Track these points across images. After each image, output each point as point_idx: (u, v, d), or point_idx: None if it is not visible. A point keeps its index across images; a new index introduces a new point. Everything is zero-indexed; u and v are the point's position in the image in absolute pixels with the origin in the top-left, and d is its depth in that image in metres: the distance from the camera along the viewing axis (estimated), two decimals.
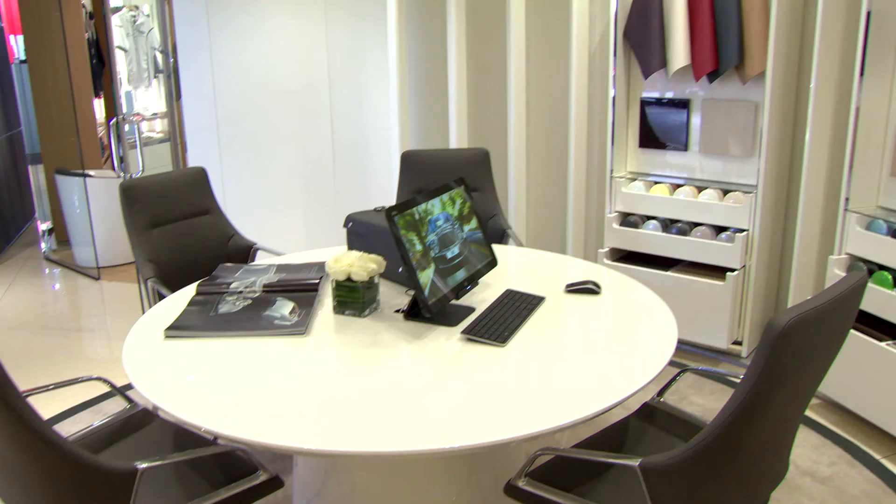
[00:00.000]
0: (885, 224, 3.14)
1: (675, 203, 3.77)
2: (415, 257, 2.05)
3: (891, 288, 3.05)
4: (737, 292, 3.61)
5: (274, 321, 2.20)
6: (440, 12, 4.45)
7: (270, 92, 4.57)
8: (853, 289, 1.55)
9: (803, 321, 1.39)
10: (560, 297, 2.39)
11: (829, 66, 3.28)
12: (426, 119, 4.66)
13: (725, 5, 3.54)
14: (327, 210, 4.74)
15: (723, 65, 3.59)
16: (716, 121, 3.76)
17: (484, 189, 3.50)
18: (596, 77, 4.17)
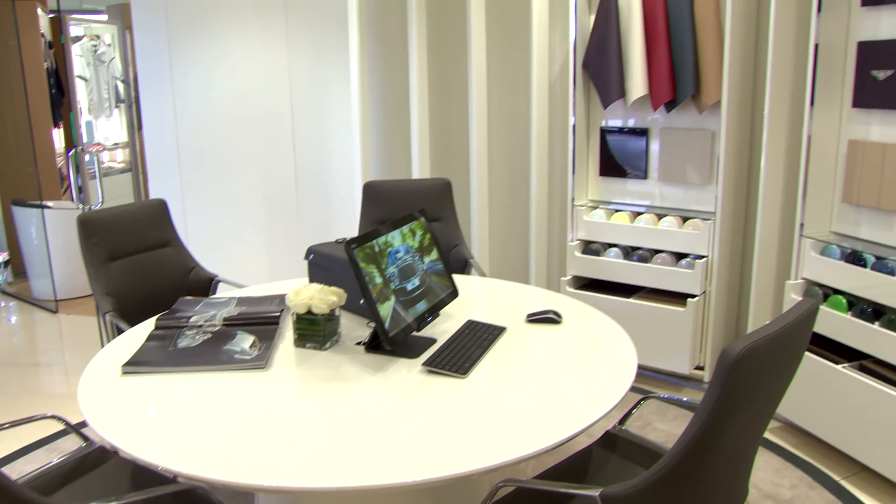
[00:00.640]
0: (838, 249, 3.21)
1: (636, 231, 3.82)
2: (375, 290, 2.05)
3: (845, 311, 3.11)
4: (697, 318, 3.65)
5: (234, 355, 2.17)
6: (402, 42, 4.49)
7: (233, 122, 4.56)
8: (804, 316, 1.58)
9: (756, 349, 1.41)
10: (521, 326, 2.40)
11: (782, 96, 3.36)
12: (389, 149, 4.68)
13: (681, 37, 3.62)
14: (290, 241, 4.72)
15: (680, 95, 3.66)
16: (674, 149, 3.83)
17: (446, 219, 3.52)
18: (556, 106, 4.23)
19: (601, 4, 3.83)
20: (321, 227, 4.74)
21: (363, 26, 4.17)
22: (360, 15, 4.12)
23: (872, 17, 3.11)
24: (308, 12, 4.49)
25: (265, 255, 4.72)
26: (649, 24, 3.70)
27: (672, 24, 3.66)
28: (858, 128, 3.21)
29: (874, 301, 3.03)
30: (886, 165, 3.07)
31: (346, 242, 2.00)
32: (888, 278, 2.94)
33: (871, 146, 3.13)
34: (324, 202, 4.73)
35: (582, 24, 3.91)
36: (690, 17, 3.59)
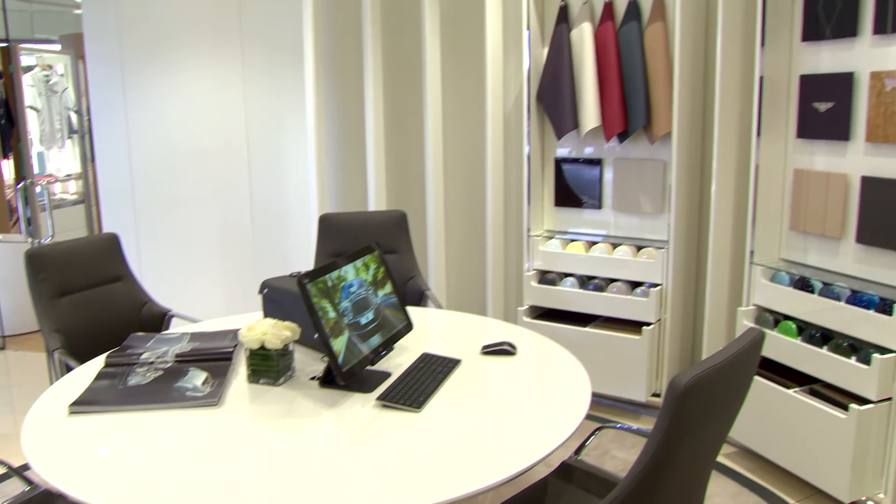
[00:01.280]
0: (787, 276, 3.28)
1: (591, 260, 3.86)
2: (328, 324, 2.04)
3: (795, 336, 3.17)
4: (653, 346, 3.69)
5: (186, 392, 2.14)
6: (357, 75, 4.51)
7: (188, 154, 4.52)
8: (751, 345, 1.61)
9: (703, 379, 1.43)
10: (476, 359, 2.40)
11: (730, 127, 3.44)
12: (345, 181, 4.68)
13: (632, 70, 3.70)
14: (246, 274, 4.68)
15: (631, 126, 3.73)
16: (627, 179, 3.89)
17: (402, 251, 3.52)
18: (511, 137, 4.27)
19: (554, 38, 3.89)
20: (278, 260, 4.71)
21: (319, 59, 4.18)
22: (315, 47, 4.14)
23: (812, 51, 3.21)
24: (264, 44, 4.50)
25: (221, 289, 4.67)
26: (601, 57, 3.78)
27: (623, 57, 3.73)
28: (803, 157, 3.30)
29: (822, 326, 3.10)
30: (830, 194, 3.15)
31: (298, 277, 1.99)
32: (835, 303, 3.01)
33: (815, 175, 3.22)
34: (280, 235, 4.71)
35: (535, 57, 3.97)
36: (641, 51, 3.67)
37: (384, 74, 4.37)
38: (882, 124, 2.92)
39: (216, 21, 4.41)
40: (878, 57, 2.94)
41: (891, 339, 2.77)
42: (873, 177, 2.98)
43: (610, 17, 3.78)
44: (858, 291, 2.96)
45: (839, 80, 3.08)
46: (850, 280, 3.09)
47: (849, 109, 3.06)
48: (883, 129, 2.92)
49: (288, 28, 4.44)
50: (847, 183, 3.09)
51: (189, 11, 4.38)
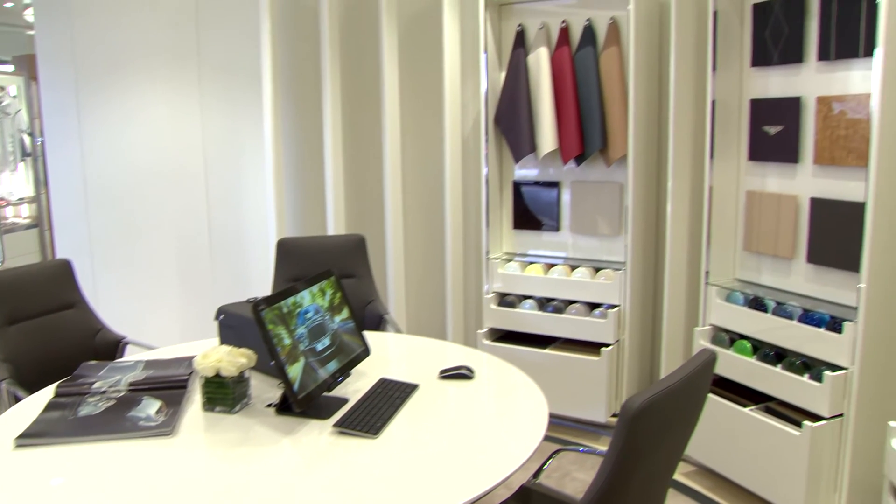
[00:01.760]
0: (741, 295, 3.33)
1: (550, 282, 3.88)
2: (284, 351, 2.02)
3: (750, 355, 3.22)
4: (612, 366, 3.71)
5: (139, 422, 2.10)
6: (316, 98, 4.51)
7: (144, 178, 4.47)
8: (702, 367, 1.63)
9: (655, 403, 1.45)
10: (434, 383, 2.39)
11: (684, 150, 3.51)
12: (304, 206, 4.66)
13: (588, 94, 3.75)
14: (204, 300, 4.62)
15: (588, 149, 3.78)
16: (585, 201, 3.93)
17: (361, 275, 3.51)
18: (470, 160, 4.30)
19: (511, 62, 3.94)
20: (236, 286, 4.66)
21: (277, 83, 4.18)
22: (273, 72, 4.13)
23: (762, 76, 3.29)
24: (221, 68, 4.48)
25: (178, 315, 4.60)
26: (558, 81, 3.83)
27: (579, 81, 3.79)
28: (755, 179, 3.37)
29: (776, 344, 3.15)
30: (781, 215, 3.22)
31: (253, 304, 1.97)
32: (787, 322, 3.07)
33: (766, 197, 3.28)
34: (239, 260, 4.66)
35: (493, 81, 4.01)
36: (596, 75, 3.72)
37: (342, 98, 4.38)
38: (828, 147, 2.99)
39: (173, 45, 4.39)
40: (823, 82, 3.03)
41: (841, 356, 2.83)
42: (822, 198, 3.05)
43: (566, 42, 3.84)
44: (810, 310, 3.02)
45: (787, 104, 3.16)
46: (802, 299, 3.15)
47: (797, 133, 3.14)
48: (829, 151, 2.99)
49: (246, 52, 4.43)
50: (797, 204, 3.16)
51: (146, 35, 4.35)
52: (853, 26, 2.87)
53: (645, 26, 3.63)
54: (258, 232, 4.62)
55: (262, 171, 4.54)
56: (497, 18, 4.04)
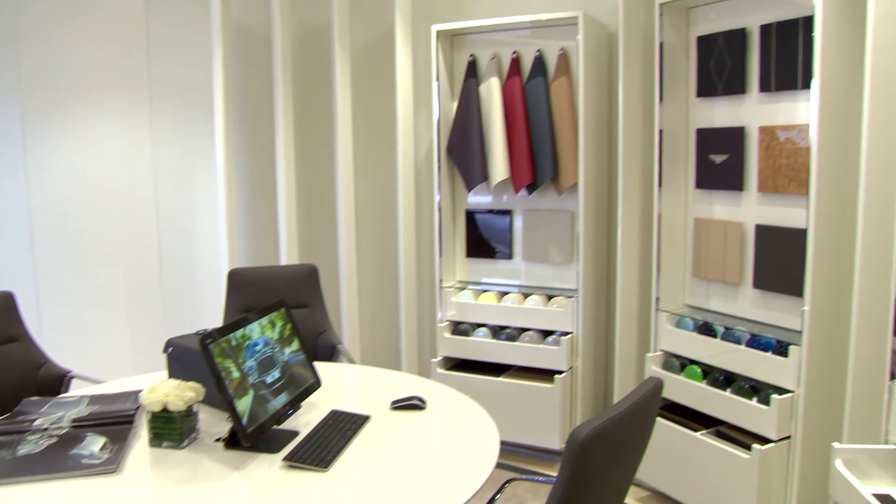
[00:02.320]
0: (691, 321, 3.38)
1: (503, 310, 3.90)
2: (232, 385, 1.99)
3: (700, 380, 3.26)
4: (565, 393, 3.73)
5: (81, 460, 2.05)
6: (268, 128, 4.50)
7: (93, 209, 4.40)
8: (650, 394, 1.65)
9: (602, 432, 1.46)
10: (385, 414, 2.38)
11: (633, 178, 3.57)
12: (257, 236, 4.63)
13: (539, 123, 3.80)
14: (155, 332, 4.54)
15: (539, 178, 3.82)
16: (537, 229, 3.97)
17: (313, 305, 3.49)
18: (423, 189, 4.32)
19: (463, 91, 3.98)
20: (188, 317, 4.59)
21: (229, 112, 4.16)
22: (225, 100, 4.12)
23: (707, 106, 3.37)
24: (173, 97, 4.44)
25: (127, 348, 4.51)
26: (509, 110, 3.87)
27: (530, 111, 3.84)
28: (702, 207, 3.44)
29: (725, 369, 3.20)
30: (728, 242, 3.28)
31: (200, 338, 1.95)
32: (736, 347, 3.12)
33: (714, 224, 3.35)
34: (190, 291, 4.60)
35: (445, 110, 4.04)
36: (547, 105, 3.78)
37: (295, 127, 4.38)
38: (771, 175, 3.07)
39: (123, 74, 4.34)
40: (765, 113, 3.11)
41: (788, 379, 2.88)
42: (766, 225, 3.12)
43: (517, 72, 3.89)
44: (757, 335, 3.08)
45: (732, 133, 3.24)
46: (750, 324, 3.21)
47: (742, 161, 3.22)
48: (772, 179, 3.07)
49: (198, 81, 4.41)
50: (743, 231, 3.23)
51: (95, 64, 4.30)
52: (791, 59, 2.97)
53: (594, 57, 3.71)
54: (210, 262, 4.57)
55: (214, 201, 4.50)
56: (449, 48, 4.08)
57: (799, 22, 2.93)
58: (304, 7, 4.45)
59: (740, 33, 3.18)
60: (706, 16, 3.36)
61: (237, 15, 4.47)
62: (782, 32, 3.00)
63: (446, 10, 4.24)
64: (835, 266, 2.80)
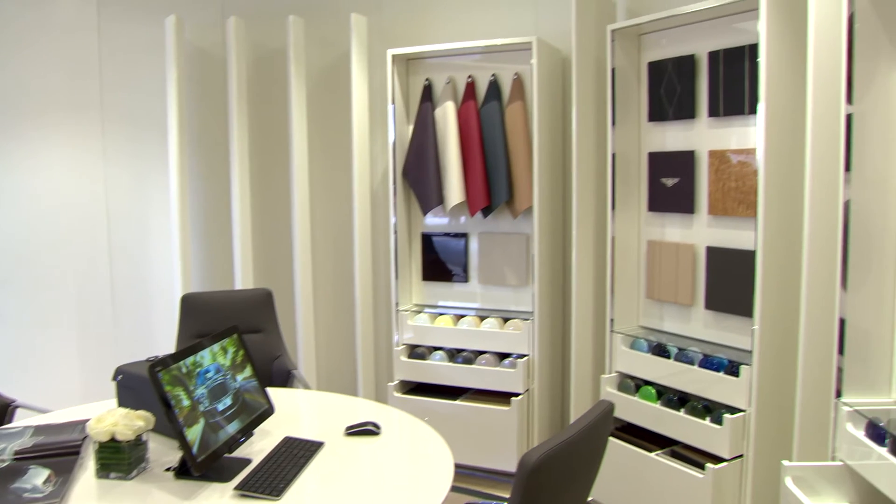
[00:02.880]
0: (645, 342, 3.42)
1: (459, 333, 3.90)
2: (182, 413, 1.96)
3: (655, 401, 3.29)
4: (522, 416, 3.74)
5: (23, 494, 1.99)
6: (224, 149, 4.45)
7: (42, 232, 4.31)
8: (601, 416, 1.66)
9: (553, 456, 1.46)
10: (339, 440, 2.36)
11: (587, 201, 3.61)
12: (211, 260, 4.58)
13: (494, 147, 3.83)
14: (106, 358, 4.43)
15: (495, 201, 3.84)
16: (492, 252, 3.98)
17: (268, 329, 3.45)
18: (379, 212, 4.32)
19: (419, 115, 4.00)
20: (140, 343, 4.50)
21: (183, 134, 4.13)
22: (179, 122, 4.08)
23: (659, 131, 3.44)
24: (126, 120, 4.39)
25: (77, 375, 4.41)
26: (464, 134, 3.90)
27: (485, 135, 3.87)
28: (655, 229, 3.49)
29: (679, 389, 3.24)
30: (680, 263, 3.33)
31: (149, 366, 1.91)
32: (689, 367, 3.16)
33: (666, 246, 3.40)
34: (143, 316, 4.52)
35: (401, 134, 4.06)
36: (502, 129, 3.81)
37: (251, 150, 4.35)
38: (721, 198, 3.13)
39: (75, 95, 4.28)
40: (714, 137, 3.18)
41: (739, 398, 2.92)
42: (716, 247, 3.18)
43: (472, 97, 3.93)
44: (710, 355, 3.12)
45: (682, 157, 3.30)
46: (703, 344, 3.25)
47: (692, 184, 3.28)
48: (722, 202, 3.13)
49: (152, 103, 4.36)
50: (695, 253, 3.29)
51: (46, 87, 4.24)
52: (738, 85, 3.04)
53: (548, 82, 3.75)
54: (164, 286, 4.50)
55: (168, 224, 4.44)
56: (405, 72, 4.11)
57: (745, 49, 3.00)
58: (260, 30, 4.44)
59: (689, 60, 3.25)
60: (657, 42, 3.43)
61: (192, 37, 4.44)
62: (729, 59, 3.07)
63: (402, 35, 4.26)
64: (782, 286, 2.86)
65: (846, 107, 2.34)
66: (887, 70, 2.29)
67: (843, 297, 2.37)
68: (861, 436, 2.29)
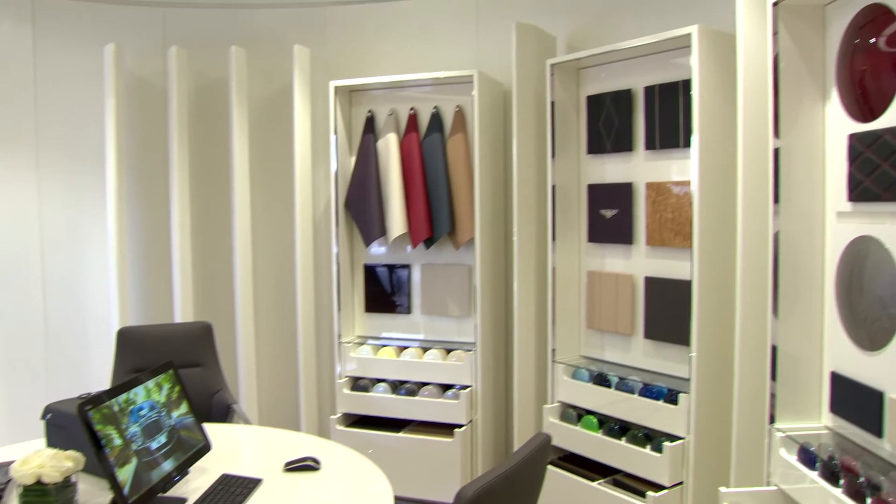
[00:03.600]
0: (587, 372, 3.45)
1: (402, 364, 3.89)
2: (113, 453, 1.91)
3: (596, 430, 3.32)
4: (465, 447, 3.73)
5: None
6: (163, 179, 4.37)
7: None
8: (537, 449, 1.67)
9: (489, 490, 1.46)
10: (278, 477, 2.32)
11: (527, 232, 3.64)
12: (150, 292, 4.47)
13: (436, 179, 3.86)
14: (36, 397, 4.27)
15: (437, 232, 3.86)
16: (435, 284, 3.99)
17: (207, 364, 3.39)
18: (321, 245, 4.29)
19: (361, 146, 4.00)
20: (75, 380, 4.36)
21: (122, 164, 4.05)
22: (118, 152, 4.00)
23: (597, 163, 3.50)
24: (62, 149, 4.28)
25: (5, 414, 4.25)
26: (406, 166, 3.92)
27: (427, 166, 3.89)
28: (595, 260, 3.54)
29: (620, 418, 3.27)
30: (620, 294, 3.39)
31: (79, 404, 1.86)
32: (629, 396, 3.20)
33: (606, 276, 3.45)
34: (79, 352, 4.39)
35: (343, 165, 4.05)
36: (444, 161, 3.84)
37: (191, 181, 4.29)
38: (658, 229, 3.20)
39: (8, 126, 4.18)
40: (651, 169, 3.26)
41: (678, 426, 2.97)
42: (655, 277, 3.24)
43: (414, 129, 3.95)
44: (649, 384, 3.16)
45: (620, 189, 3.37)
46: (643, 373, 3.30)
47: (630, 216, 3.34)
48: (659, 233, 3.20)
49: (89, 134, 4.27)
50: (633, 283, 3.34)
51: None
52: (673, 119, 3.12)
53: (489, 114, 3.80)
54: (100, 321, 4.38)
55: (105, 257, 4.33)
56: (347, 104, 4.12)
57: (679, 84, 3.09)
58: (202, 60, 4.40)
59: (626, 94, 3.33)
60: (595, 76, 3.51)
61: (132, 66, 4.38)
62: (664, 94, 3.16)
63: (345, 66, 4.28)
64: (718, 315, 2.92)
65: (774, 141, 2.42)
66: (811, 106, 2.38)
67: (775, 324, 2.44)
68: (794, 460, 2.35)
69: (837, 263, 2.32)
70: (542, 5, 3.88)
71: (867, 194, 2.12)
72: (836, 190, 2.31)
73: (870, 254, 2.17)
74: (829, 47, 2.35)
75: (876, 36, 2.13)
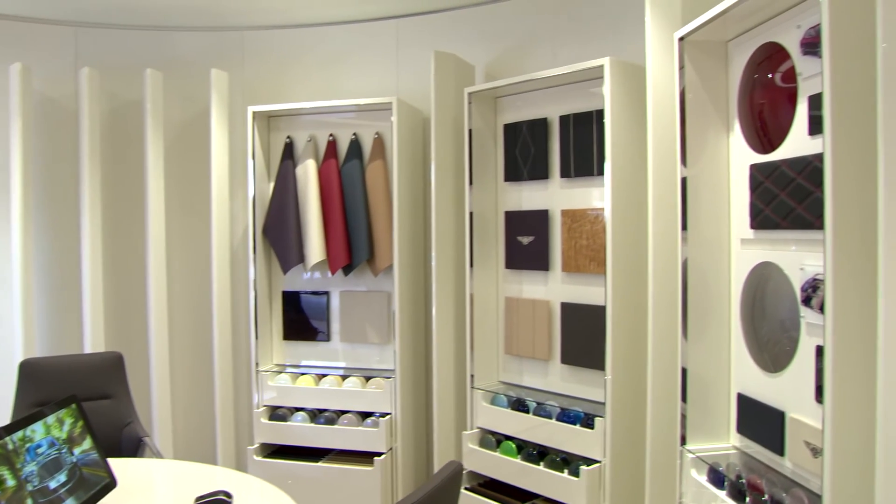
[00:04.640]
0: (505, 398, 3.47)
1: (321, 392, 3.84)
2: (5, 495, 1.81)
3: (515, 456, 3.34)
4: (385, 475, 3.69)
5: None
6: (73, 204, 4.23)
7: None
8: (450, 477, 1.66)
9: None
10: None
11: (446, 258, 3.66)
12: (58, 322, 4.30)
13: (355, 206, 3.84)
14: None
15: (355, 259, 3.84)
16: (354, 311, 3.97)
17: (118, 395, 3.27)
18: (238, 272, 4.21)
19: (280, 172, 3.96)
20: None
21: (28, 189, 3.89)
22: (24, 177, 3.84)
23: (514, 190, 3.55)
24: None
25: None
26: (325, 193, 3.89)
27: (346, 193, 3.88)
28: (512, 286, 3.57)
29: (538, 443, 3.29)
30: (537, 319, 3.42)
31: None
32: (547, 421, 3.23)
33: (523, 302, 3.49)
34: None
35: (261, 191, 4.00)
36: (362, 187, 3.83)
37: (103, 206, 4.15)
38: (574, 256, 3.26)
39: None
40: (566, 197, 3.32)
41: (595, 450, 3.01)
42: (570, 302, 3.29)
43: (333, 155, 3.94)
44: (567, 408, 3.20)
45: (537, 216, 3.42)
46: (560, 398, 3.33)
47: (547, 242, 3.39)
48: (574, 260, 3.26)
49: None
50: (550, 309, 3.38)
51: None
52: (587, 148, 3.19)
53: (408, 141, 3.81)
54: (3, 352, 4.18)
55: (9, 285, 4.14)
56: (266, 129, 4.07)
57: (593, 114, 3.16)
58: (116, 82, 4.29)
59: (542, 122, 3.39)
60: (512, 105, 3.56)
61: (41, 86, 4.23)
62: (579, 123, 3.23)
63: (264, 92, 4.23)
64: (631, 339, 2.98)
65: (682, 170, 2.50)
66: (716, 137, 2.47)
67: (685, 347, 2.51)
68: (704, 481, 2.41)
69: (742, 288, 2.41)
70: (462, 35, 3.93)
71: (768, 222, 2.21)
72: (739, 218, 2.40)
73: (771, 279, 2.26)
74: (732, 81, 2.45)
75: (772, 72, 2.23)
